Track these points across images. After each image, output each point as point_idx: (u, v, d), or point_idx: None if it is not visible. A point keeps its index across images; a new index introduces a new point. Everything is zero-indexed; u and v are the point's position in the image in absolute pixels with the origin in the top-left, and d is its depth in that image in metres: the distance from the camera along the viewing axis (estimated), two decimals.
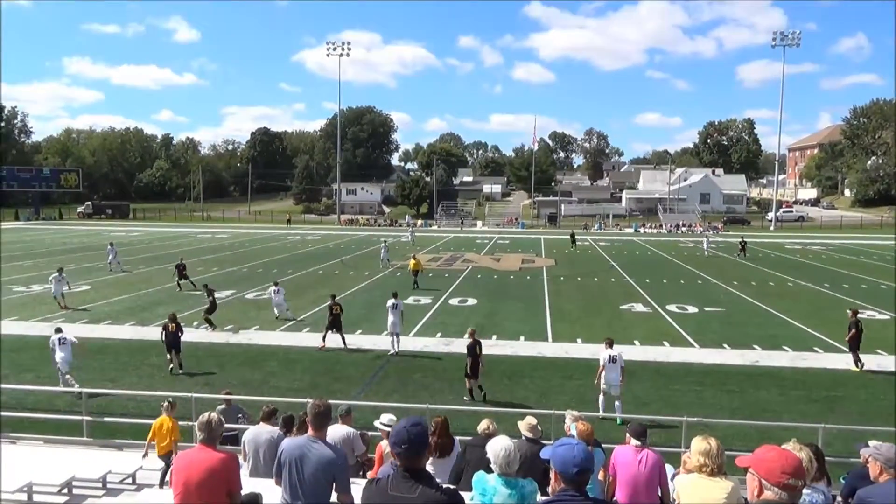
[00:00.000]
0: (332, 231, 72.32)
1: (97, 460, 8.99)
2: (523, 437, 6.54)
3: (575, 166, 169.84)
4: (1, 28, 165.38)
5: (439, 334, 19.98)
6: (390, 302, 18.28)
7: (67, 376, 13.97)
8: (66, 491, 7.64)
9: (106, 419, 11.32)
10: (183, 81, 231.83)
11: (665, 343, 19.22)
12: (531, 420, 6.74)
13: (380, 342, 18.98)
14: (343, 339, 18.23)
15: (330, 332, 18.16)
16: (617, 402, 13.04)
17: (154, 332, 19.68)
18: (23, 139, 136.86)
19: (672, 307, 24.94)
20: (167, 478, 8.13)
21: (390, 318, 17.96)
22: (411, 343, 18.79)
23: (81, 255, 43.36)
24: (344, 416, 8.45)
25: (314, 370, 16.22)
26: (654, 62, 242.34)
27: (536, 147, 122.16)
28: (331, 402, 5.18)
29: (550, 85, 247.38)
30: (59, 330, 14.52)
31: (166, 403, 9.31)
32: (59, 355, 13.98)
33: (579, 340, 19.29)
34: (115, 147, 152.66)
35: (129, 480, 8.59)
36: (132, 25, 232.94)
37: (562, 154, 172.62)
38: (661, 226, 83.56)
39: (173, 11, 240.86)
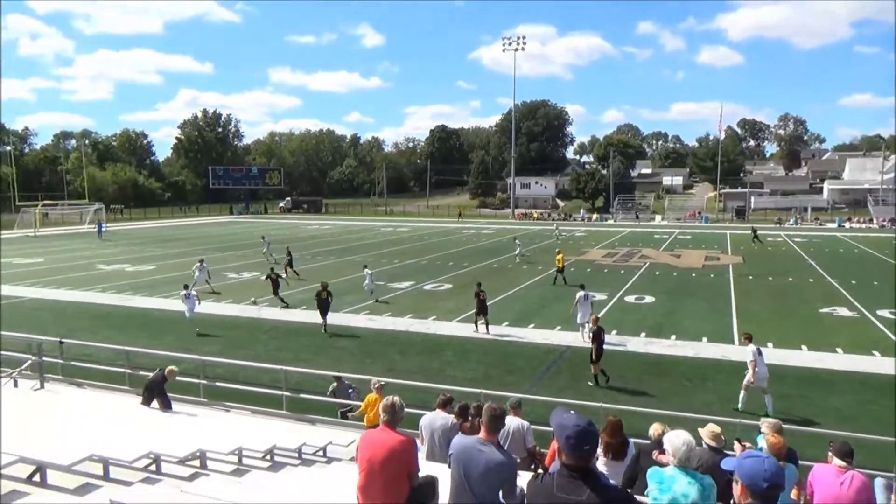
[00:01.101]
0: (505, 225, 73.10)
1: (294, 432, 10.01)
2: (704, 445, 6.16)
3: (767, 155, 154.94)
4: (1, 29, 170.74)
5: (614, 332, 19.43)
6: (580, 294, 18.82)
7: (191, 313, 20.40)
8: (268, 457, 8.59)
9: (302, 395, 12.55)
10: (369, 85, 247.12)
11: (875, 353, 16.98)
12: (714, 428, 6.32)
13: (551, 336, 18.95)
14: (487, 324, 19.46)
15: (481, 317, 19.39)
16: (768, 397, 12.92)
17: (341, 318, 21.39)
18: (235, 142, 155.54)
19: (885, 312, 21.94)
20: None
21: (580, 310, 18.52)
22: (586, 343, 18.51)
23: (282, 245, 48.21)
24: (515, 408, 8.54)
25: (487, 361, 16.59)
26: (862, 36, 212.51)
27: (723, 136, 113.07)
28: (503, 393, 5.26)
29: (739, 68, 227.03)
30: (185, 287, 21.52)
31: (378, 385, 10.36)
32: (185, 307, 20.66)
33: (770, 345, 17.67)
34: (311, 147, 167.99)
35: (321, 453, 9.45)
36: (326, 35, 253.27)
37: (752, 142, 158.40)
38: (871, 220, 73.52)
39: (362, 18, 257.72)
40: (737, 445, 6.76)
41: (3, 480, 6.55)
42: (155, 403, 11.21)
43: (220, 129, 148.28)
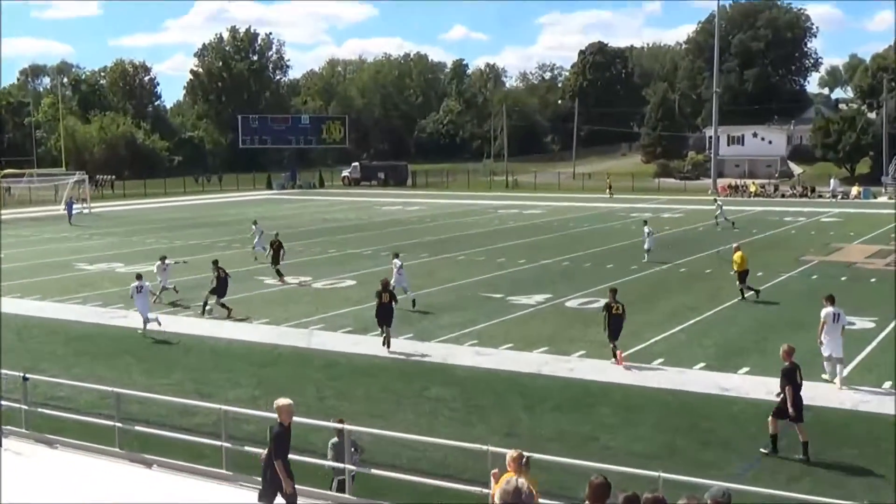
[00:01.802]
0: (700, 204, 71.33)
1: None
2: None
3: None
4: None
5: (887, 384, 18.41)
6: (828, 311, 18.64)
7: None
8: None
9: (373, 470, 12.78)
10: None
11: None
12: None
13: (775, 386, 18.24)
14: (614, 350, 20.75)
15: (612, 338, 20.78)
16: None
17: (435, 350, 21.64)
18: (278, 77, 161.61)
19: None
20: None
21: (827, 336, 18.50)
22: (842, 393, 17.70)
23: (353, 235, 49.56)
24: None
25: (669, 426, 16.21)
26: None
27: None
28: (701, 480, 5.08)
29: None
30: (139, 276, 24.79)
31: (519, 459, 10.30)
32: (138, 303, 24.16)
33: None
34: (391, 81, 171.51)
35: None
36: None
37: None
38: None
39: None
40: None
41: None
42: None
43: (254, 58, 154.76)
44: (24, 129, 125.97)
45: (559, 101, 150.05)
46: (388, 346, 22.01)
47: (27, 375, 15.52)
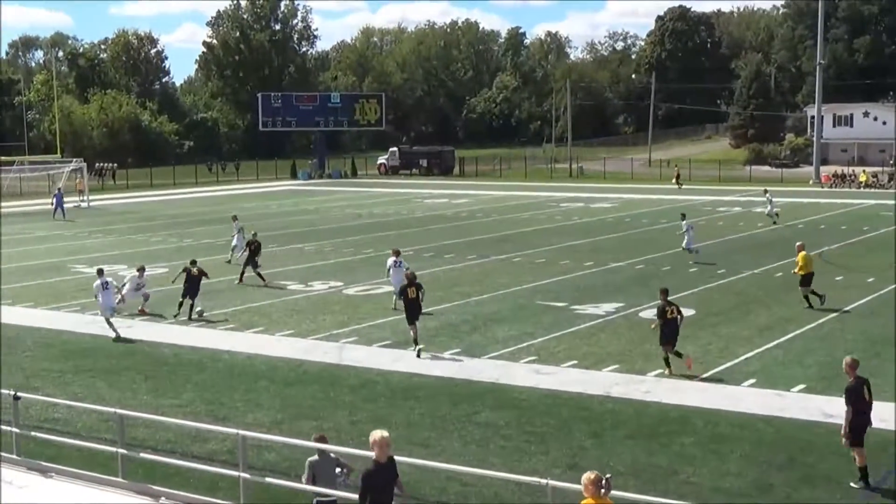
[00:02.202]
0: (803, 199, 70.55)
1: None
2: None
3: None
4: None
5: None
6: None
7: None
8: None
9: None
10: None
11: None
12: None
13: (887, 411, 18.03)
14: (667, 362, 21.13)
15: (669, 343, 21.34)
16: None
17: (486, 367, 21.70)
18: (305, 49, 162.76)
19: None
20: None
21: None
22: None
23: (391, 233, 49.74)
24: None
25: (762, 458, 16.12)
26: None
27: None
28: None
29: None
30: (100, 272, 27.20)
31: (598, 481, 10.46)
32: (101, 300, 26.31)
33: None
34: (435, 54, 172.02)
35: None
36: None
37: None
38: None
39: None
40: None
41: None
42: None
43: (277, 28, 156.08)
44: (13, 111, 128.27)
45: (633, 76, 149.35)
46: (419, 348, 23.29)
47: (18, 394, 15.76)
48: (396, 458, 13.52)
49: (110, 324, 25.96)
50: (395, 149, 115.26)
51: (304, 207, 68.16)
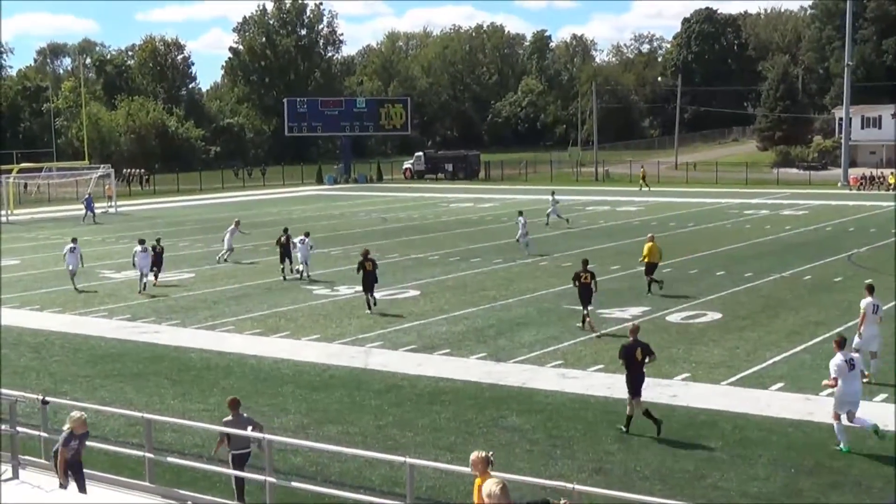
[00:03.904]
0: (831, 201, 70.21)
1: None
2: None
3: None
4: None
5: None
6: (867, 302, 20.98)
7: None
8: None
9: None
10: None
11: None
12: None
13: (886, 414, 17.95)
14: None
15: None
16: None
17: (511, 372, 21.66)
18: (330, 54, 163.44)
19: None
20: None
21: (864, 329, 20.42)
22: None
23: (417, 237, 49.81)
24: None
25: (790, 463, 16.05)
26: None
27: None
28: None
29: None
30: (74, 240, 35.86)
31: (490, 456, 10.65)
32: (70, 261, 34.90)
33: None
34: (461, 58, 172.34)
35: None
36: None
37: None
38: None
39: None
40: None
41: None
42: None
43: (303, 33, 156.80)
44: (42, 118, 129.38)
45: (659, 79, 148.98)
46: (373, 307, 29.60)
47: (47, 399, 15.87)
48: (421, 461, 13.55)
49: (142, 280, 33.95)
50: (420, 153, 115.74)
51: (329, 212, 68.34)
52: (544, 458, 16.60)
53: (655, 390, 20.51)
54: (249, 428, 14.09)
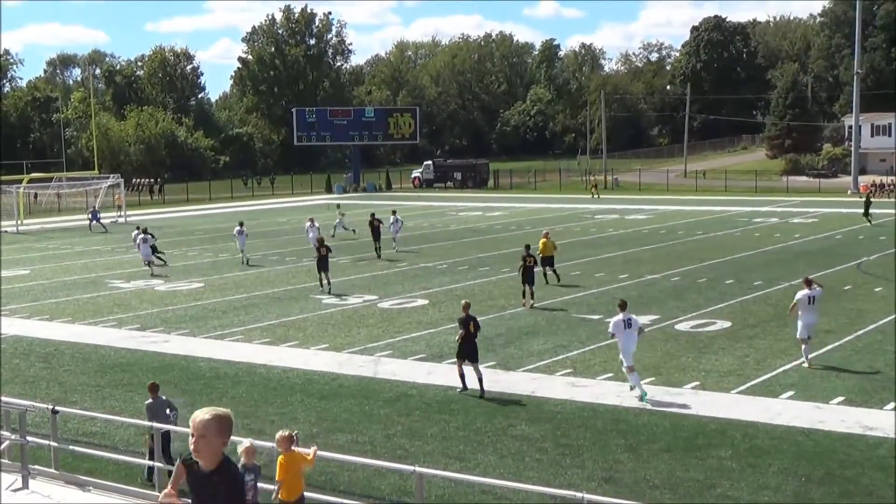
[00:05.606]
0: (841, 209, 70.00)
1: None
2: None
3: None
4: None
5: None
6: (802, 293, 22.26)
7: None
8: None
9: None
10: None
11: None
12: None
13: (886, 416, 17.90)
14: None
15: None
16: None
17: (521, 380, 21.65)
18: (339, 64, 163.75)
19: None
20: None
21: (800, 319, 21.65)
22: None
23: (426, 246, 49.81)
24: None
25: (801, 472, 16.00)
26: None
27: None
28: None
29: None
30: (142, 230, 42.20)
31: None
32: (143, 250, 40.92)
33: None
34: (469, 67, 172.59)
35: None
36: None
37: None
38: None
39: None
40: None
41: None
42: None
43: (311, 42, 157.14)
44: (51, 128, 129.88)
45: (668, 87, 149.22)
46: (329, 289, 34.59)
47: (56, 408, 15.94)
48: (430, 470, 13.54)
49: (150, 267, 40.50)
50: (429, 162, 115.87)
51: (337, 221, 68.29)
52: (554, 466, 16.56)
53: (665, 399, 20.51)
54: (167, 411, 15.69)
